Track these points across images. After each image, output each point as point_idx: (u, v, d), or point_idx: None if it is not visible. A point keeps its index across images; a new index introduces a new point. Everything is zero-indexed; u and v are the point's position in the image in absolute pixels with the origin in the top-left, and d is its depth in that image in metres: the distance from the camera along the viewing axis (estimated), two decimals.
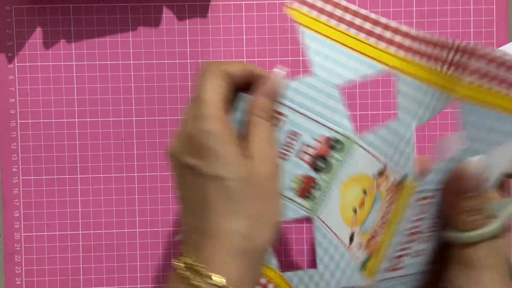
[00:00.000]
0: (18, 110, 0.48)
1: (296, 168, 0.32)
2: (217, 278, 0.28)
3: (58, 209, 0.49)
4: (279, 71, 0.31)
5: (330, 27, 0.31)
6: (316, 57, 0.31)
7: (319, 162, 0.32)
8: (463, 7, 0.49)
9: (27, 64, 0.48)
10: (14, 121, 0.48)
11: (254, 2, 0.49)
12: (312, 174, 0.32)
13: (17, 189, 0.48)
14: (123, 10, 0.48)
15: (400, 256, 0.30)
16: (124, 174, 0.48)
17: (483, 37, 0.49)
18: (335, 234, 0.32)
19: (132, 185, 0.49)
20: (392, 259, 0.30)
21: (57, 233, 0.49)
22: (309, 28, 0.31)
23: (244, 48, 0.48)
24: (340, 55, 0.31)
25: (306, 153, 0.32)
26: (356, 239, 0.31)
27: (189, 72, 0.48)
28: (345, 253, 0.31)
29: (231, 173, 0.29)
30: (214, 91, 0.30)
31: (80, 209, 0.49)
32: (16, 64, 0.48)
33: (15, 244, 0.49)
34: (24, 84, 0.48)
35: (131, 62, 0.48)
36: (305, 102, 0.32)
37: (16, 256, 0.49)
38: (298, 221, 0.47)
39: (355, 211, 0.31)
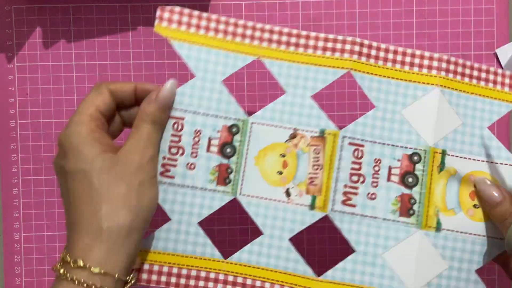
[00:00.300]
0: (17, 110, 0.48)
1: (208, 162, 0.37)
2: (78, 261, 0.31)
3: (58, 209, 0.49)
4: (168, 83, 0.36)
5: (200, 36, 0.37)
6: (198, 63, 0.37)
7: (227, 149, 0.37)
8: (463, 7, 0.49)
9: (27, 64, 0.48)
10: (14, 121, 0.48)
11: (254, 2, 0.49)
12: (224, 161, 0.37)
13: (16, 189, 0.48)
14: (123, 10, 0.48)
15: (349, 193, 0.37)
16: None
17: (483, 37, 0.49)
18: (270, 199, 0.37)
19: None
20: (339, 193, 0.36)
21: (57, 233, 0.49)
22: (183, 40, 0.37)
23: None
24: (217, 57, 0.37)
25: (213, 145, 0.37)
26: (293, 192, 0.37)
27: (189, 72, 0.48)
28: (287, 207, 0.36)
29: (91, 166, 0.32)
30: (88, 103, 0.34)
31: None
32: (16, 64, 0.48)
33: (15, 244, 0.49)
34: (24, 84, 0.48)
35: (131, 62, 0.48)
36: (201, 103, 0.37)
37: (16, 256, 0.49)
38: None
39: (280, 173, 0.37)
